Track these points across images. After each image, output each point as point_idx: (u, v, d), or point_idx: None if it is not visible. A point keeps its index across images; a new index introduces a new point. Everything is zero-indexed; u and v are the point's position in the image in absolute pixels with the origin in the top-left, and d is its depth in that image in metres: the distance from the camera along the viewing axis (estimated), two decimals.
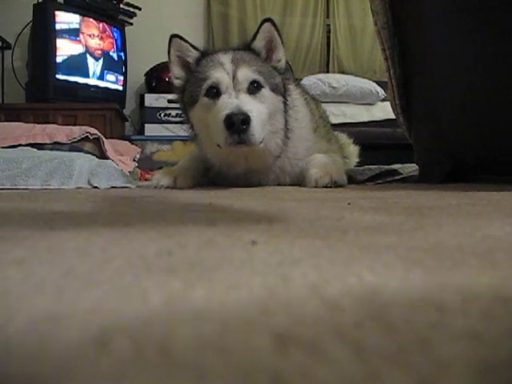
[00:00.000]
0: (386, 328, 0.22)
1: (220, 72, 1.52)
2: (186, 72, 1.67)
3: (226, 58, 1.57)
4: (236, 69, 1.52)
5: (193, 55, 1.66)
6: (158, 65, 4.30)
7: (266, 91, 1.55)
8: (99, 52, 4.29)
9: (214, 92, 1.51)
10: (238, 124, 1.36)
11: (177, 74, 1.68)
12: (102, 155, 2.28)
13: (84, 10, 4.17)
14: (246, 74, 1.52)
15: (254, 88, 1.52)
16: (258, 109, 1.48)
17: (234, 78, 1.51)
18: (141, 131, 4.38)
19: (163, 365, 0.19)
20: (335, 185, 1.46)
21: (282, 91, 1.63)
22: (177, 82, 1.69)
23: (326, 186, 1.46)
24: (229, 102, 1.45)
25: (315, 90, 3.91)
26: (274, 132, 1.59)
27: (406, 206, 0.83)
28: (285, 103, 1.64)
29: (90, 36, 4.22)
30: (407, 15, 1.79)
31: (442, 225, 0.55)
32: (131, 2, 4.49)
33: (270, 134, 1.56)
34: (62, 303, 0.26)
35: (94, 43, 4.25)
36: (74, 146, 2.25)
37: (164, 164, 3.88)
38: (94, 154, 2.23)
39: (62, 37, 4.01)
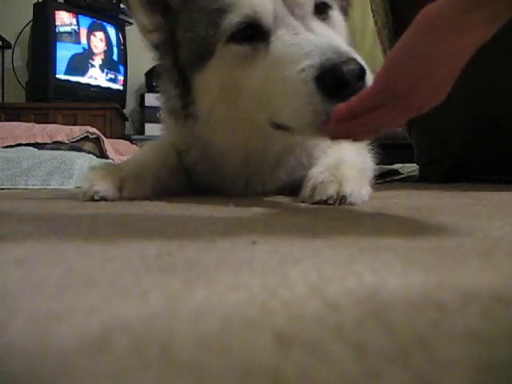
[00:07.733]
0: (386, 328, 0.22)
1: None
2: (165, 14, 0.95)
3: None
4: None
5: None
6: None
7: (335, 14, 0.93)
8: (99, 51, 4.29)
9: (251, 33, 0.84)
10: (353, 82, 0.69)
11: (147, 22, 0.95)
12: (102, 155, 2.28)
13: (84, 10, 4.17)
14: None
15: (320, 11, 0.87)
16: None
17: None
18: (141, 131, 4.38)
19: (163, 364, 0.19)
20: (343, 201, 0.79)
21: (347, 9, 1.01)
22: (152, 38, 0.96)
23: (325, 202, 0.79)
24: (303, 41, 0.76)
25: None
26: None
27: (406, 206, 0.83)
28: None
29: (90, 35, 4.22)
30: (408, 15, 1.79)
31: (441, 225, 0.55)
32: None
33: None
34: (62, 303, 0.26)
35: (95, 42, 4.25)
36: (74, 146, 2.25)
37: None
38: (94, 154, 2.23)
39: (62, 36, 4.01)
